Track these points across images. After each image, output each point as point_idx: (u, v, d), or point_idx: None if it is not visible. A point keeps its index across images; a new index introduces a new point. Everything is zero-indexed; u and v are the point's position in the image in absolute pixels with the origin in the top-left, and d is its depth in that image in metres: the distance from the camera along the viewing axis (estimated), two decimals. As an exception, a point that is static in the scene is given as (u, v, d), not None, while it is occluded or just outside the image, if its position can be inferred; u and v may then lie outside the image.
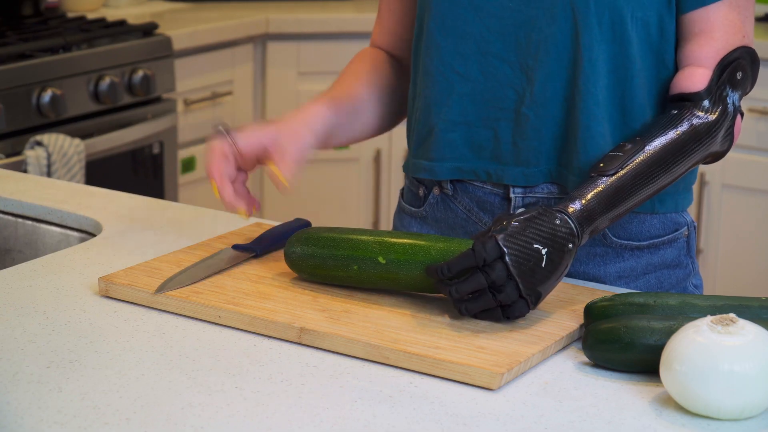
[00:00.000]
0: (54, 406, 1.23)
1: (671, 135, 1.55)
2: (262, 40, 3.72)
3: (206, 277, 1.52)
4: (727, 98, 1.58)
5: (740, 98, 1.61)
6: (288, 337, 1.40)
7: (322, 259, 1.49)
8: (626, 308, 1.38)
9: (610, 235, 1.64)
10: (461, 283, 1.40)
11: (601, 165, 1.53)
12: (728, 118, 1.58)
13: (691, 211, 3.51)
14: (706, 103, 1.57)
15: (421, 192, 1.72)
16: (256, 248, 1.60)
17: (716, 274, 3.52)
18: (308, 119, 1.63)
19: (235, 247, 1.61)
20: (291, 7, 3.84)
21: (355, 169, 3.82)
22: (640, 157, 1.53)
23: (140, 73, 3.21)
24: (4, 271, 1.59)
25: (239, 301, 1.46)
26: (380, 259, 1.47)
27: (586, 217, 1.47)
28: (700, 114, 1.57)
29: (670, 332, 1.29)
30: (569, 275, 1.64)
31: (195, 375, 1.31)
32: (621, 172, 1.52)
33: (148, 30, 3.33)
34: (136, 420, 1.21)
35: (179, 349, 1.37)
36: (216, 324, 1.44)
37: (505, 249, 1.40)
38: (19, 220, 1.86)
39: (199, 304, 1.45)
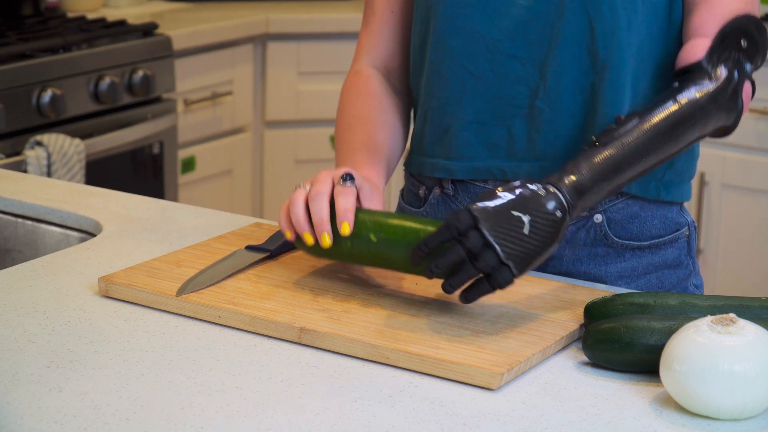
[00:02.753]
0: (54, 406, 1.23)
1: (669, 105, 1.51)
2: (262, 40, 3.72)
3: (224, 278, 1.52)
4: (730, 64, 1.55)
5: (751, 68, 1.56)
6: (288, 337, 1.40)
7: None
8: (626, 308, 1.38)
9: (611, 235, 1.64)
10: (440, 258, 1.39)
11: (594, 138, 1.50)
12: (731, 85, 1.54)
13: (691, 211, 3.51)
14: (707, 70, 1.54)
15: (421, 192, 1.72)
16: (270, 249, 1.60)
17: (716, 274, 3.52)
18: (380, 187, 1.59)
19: (249, 247, 1.60)
20: (291, 7, 3.84)
21: (355, 169, 3.81)
22: (635, 128, 1.49)
23: (140, 73, 3.21)
24: (4, 271, 1.59)
25: (239, 301, 1.46)
26: (372, 236, 1.46)
27: (576, 185, 1.44)
28: (701, 82, 1.53)
29: (670, 332, 1.29)
30: (570, 275, 1.65)
31: (195, 375, 1.31)
32: (615, 143, 1.48)
33: (148, 30, 3.33)
34: (136, 420, 1.21)
35: (179, 349, 1.37)
36: (216, 324, 1.44)
37: (477, 216, 1.38)
38: (19, 220, 1.86)
39: (199, 304, 1.45)
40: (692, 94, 1.53)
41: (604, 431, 1.22)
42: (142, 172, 3.30)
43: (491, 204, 1.39)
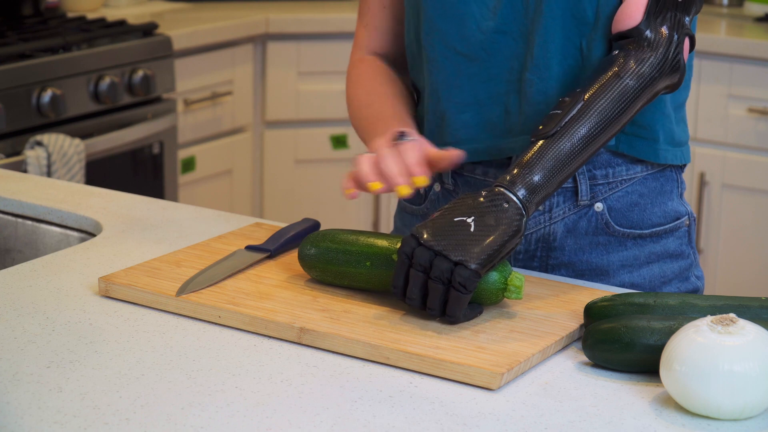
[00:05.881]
0: (54, 406, 1.23)
1: (613, 83, 1.50)
2: (262, 40, 3.72)
3: (224, 278, 1.52)
4: (669, 23, 1.53)
5: (689, 20, 1.55)
6: (288, 337, 1.40)
7: (335, 253, 1.49)
8: (626, 308, 1.38)
9: (612, 223, 1.64)
10: (409, 289, 1.41)
11: (541, 127, 1.49)
12: (673, 47, 1.53)
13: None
14: (647, 34, 1.52)
15: (421, 189, 1.72)
16: (270, 249, 1.60)
17: (716, 274, 3.52)
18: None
19: (249, 248, 1.60)
20: (291, 7, 3.84)
21: (355, 169, 3.81)
22: (580, 114, 1.49)
23: (140, 73, 3.21)
24: (4, 271, 1.59)
25: (239, 301, 1.46)
26: (394, 257, 1.46)
27: (522, 175, 1.44)
28: (642, 51, 1.52)
29: (670, 332, 1.29)
30: (573, 265, 1.64)
31: (195, 375, 1.31)
32: (562, 133, 1.48)
33: (148, 30, 3.33)
34: (136, 420, 1.21)
35: (179, 349, 1.37)
36: (216, 324, 1.44)
37: (417, 235, 1.40)
38: (19, 220, 1.86)
39: (199, 304, 1.45)
40: (635, 66, 1.51)
41: (604, 431, 1.22)
42: (142, 172, 3.30)
43: (431, 220, 1.41)
